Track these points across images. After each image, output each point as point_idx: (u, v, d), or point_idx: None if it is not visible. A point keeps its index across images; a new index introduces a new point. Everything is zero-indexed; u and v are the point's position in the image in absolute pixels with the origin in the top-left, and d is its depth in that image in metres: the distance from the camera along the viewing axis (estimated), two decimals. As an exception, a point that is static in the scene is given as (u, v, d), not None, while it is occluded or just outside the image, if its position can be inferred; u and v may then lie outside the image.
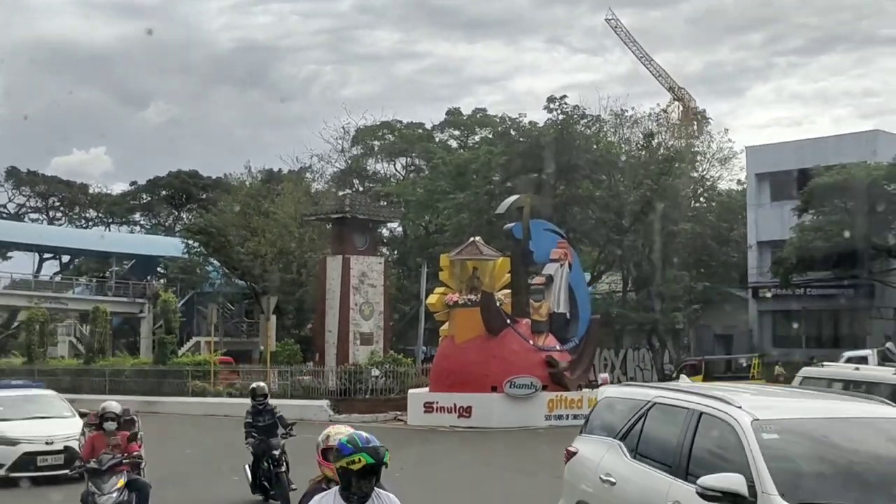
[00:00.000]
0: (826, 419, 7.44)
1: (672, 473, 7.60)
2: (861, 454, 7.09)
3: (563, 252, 28.81)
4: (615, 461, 8.61)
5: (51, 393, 20.74)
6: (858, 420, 7.53)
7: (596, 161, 44.15)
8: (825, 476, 6.81)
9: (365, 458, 5.25)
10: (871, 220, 42.20)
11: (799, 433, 7.16)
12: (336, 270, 32.78)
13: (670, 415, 8.13)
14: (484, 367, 26.68)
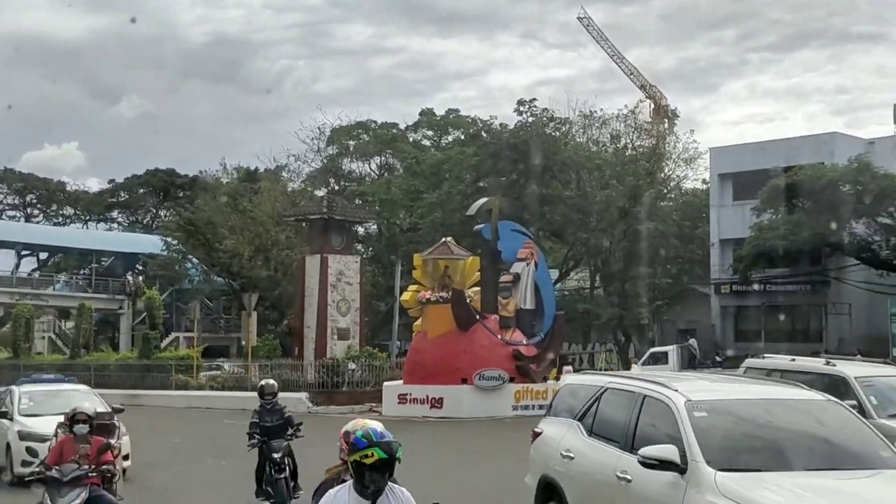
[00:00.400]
0: (748, 400, 8.85)
1: (621, 448, 8.77)
2: (775, 428, 8.38)
3: (530, 252, 30.63)
4: (574, 439, 9.83)
5: (83, 388, 20.22)
6: (775, 400, 8.86)
7: (564, 162, 45.96)
8: (744, 446, 8.09)
9: (378, 453, 5.40)
10: (826, 219, 44.29)
11: (724, 411, 8.42)
12: (314, 269, 34.55)
13: (620, 398, 9.36)
14: (455, 360, 28.44)
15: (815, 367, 15.79)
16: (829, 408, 8.76)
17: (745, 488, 7.24)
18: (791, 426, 8.48)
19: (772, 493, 7.14)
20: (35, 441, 16.02)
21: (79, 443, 10.39)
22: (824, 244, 45.15)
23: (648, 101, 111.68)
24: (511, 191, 45.42)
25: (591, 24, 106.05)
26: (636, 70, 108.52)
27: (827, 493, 7.18)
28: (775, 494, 7.12)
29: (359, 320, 35.75)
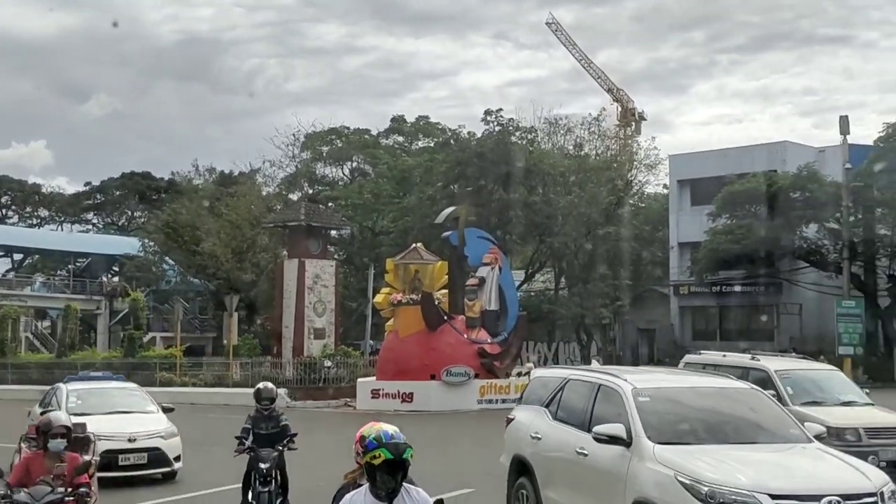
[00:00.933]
0: (683, 387, 10.70)
1: (579, 428, 10.34)
2: (705, 410, 10.08)
3: (494, 257, 33.12)
4: (541, 422, 11.38)
5: (132, 385, 19.87)
6: (706, 388, 10.76)
7: (529, 169, 48.42)
8: (679, 424, 9.74)
9: (384, 454, 5.46)
10: (777, 224, 47.13)
11: (663, 397, 10.11)
12: (292, 273, 36.91)
13: (580, 387, 11.02)
14: (424, 358, 30.85)
15: (742, 362, 18.28)
16: (751, 394, 10.60)
17: (677, 457, 8.90)
18: (718, 409, 10.23)
19: (698, 461, 8.79)
20: None
21: (52, 461, 8.91)
22: (776, 248, 47.97)
23: (616, 105, 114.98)
24: (479, 197, 47.78)
25: (559, 29, 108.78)
26: (604, 74, 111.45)
27: (742, 461, 8.87)
28: (701, 461, 8.77)
29: (334, 321, 38.16)
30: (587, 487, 10.12)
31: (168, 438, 17.09)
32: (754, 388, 11.08)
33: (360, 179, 60.17)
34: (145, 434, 16.76)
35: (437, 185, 50.28)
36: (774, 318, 52.06)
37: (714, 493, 8.32)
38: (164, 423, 17.33)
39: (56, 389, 18.36)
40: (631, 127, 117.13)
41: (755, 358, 17.93)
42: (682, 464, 8.80)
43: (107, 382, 19.39)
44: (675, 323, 54.97)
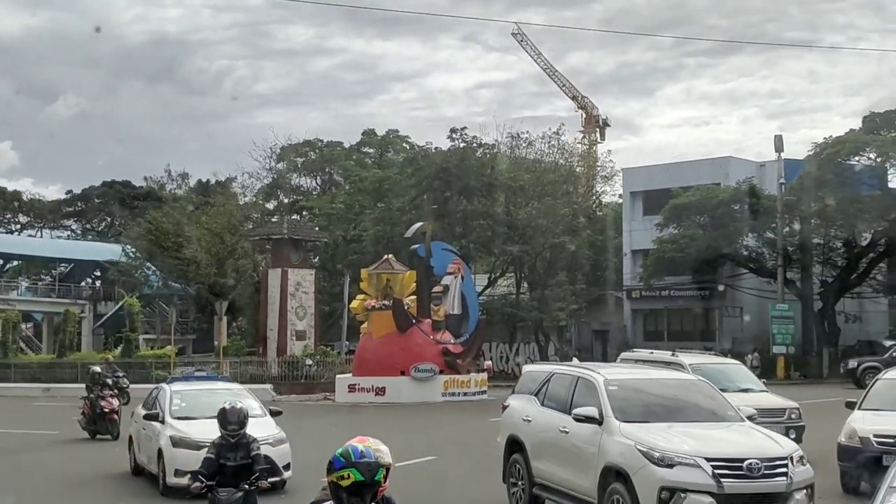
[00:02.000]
0: (644, 379, 13.85)
1: (562, 412, 12.89)
2: (661, 396, 12.86)
3: (457, 267, 37.94)
4: (531, 408, 13.91)
5: (237, 386, 18.91)
6: (662, 380, 13.82)
7: (491, 183, 53.21)
8: (641, 407, 12.35)
9: (354, 475, 4.93)
10: (718, 234, 52.13)
11: (628, 386, 12.84)
12: (276, 281, 41.61)
13: (562, 379, 13.68)
14: (395, 356, 35.52)
15: (664, 357, 22.96)
16: (698, 384, 13.58)
17: (637, 432, 11.53)
18: (672, 396, 13.01)
19: (653, 434, 11.44)
20: (189, 448, 15.00)
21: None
22: (718, 255, 52.98)
23: (580, 112, 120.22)
24: (445, 208, 52.53)
25: (524, 40, 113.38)
26: (568, 82, 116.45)
27: (688, 434, 11.56)
28: (655, 435, 11.40)
29: (313, 324, 42.87)
30: (568, 458, 12.78)
31: (276, 445, 15.60)
32: (702, 379, 14.09)
33: (332, 190, 64.78)
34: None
35: (406, 198, 54.92)
36: (717, 320, 57.22)
37: (664, 457, 11.04)
38: (273, 429, 16.08)
39: (159, 391, 17.64)
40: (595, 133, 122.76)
41: (675, 354, 22.59)
42: (641, 436, 11.50)
43: (212, 383, 18.68)
44: (627, 325, 59.90)
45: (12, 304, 66.46)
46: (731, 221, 51.94)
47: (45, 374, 44.26)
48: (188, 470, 13.14)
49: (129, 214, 75.86)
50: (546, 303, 54.53)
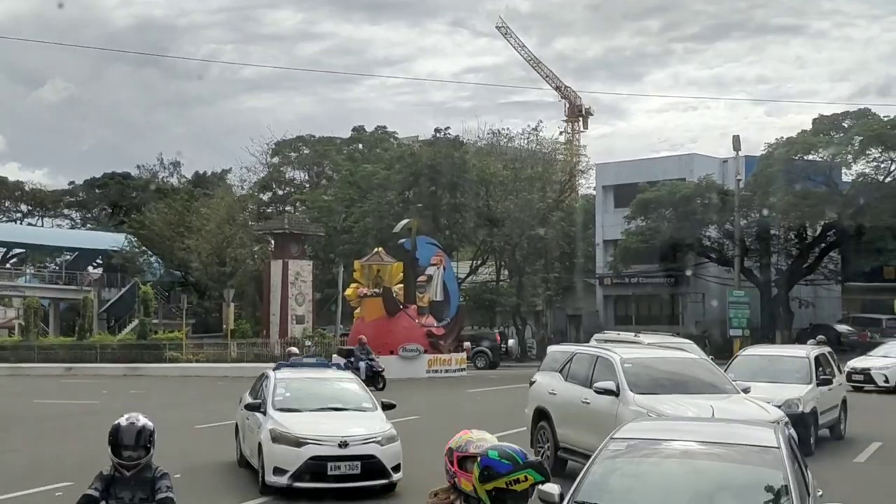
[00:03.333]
0: (654, 357, 16.07)
1: (583, 385, 15.02)
2: (669, 372, 15.11)
3: (440, 259, 43.73)
4: (556, 383, 16.06)
5: (348, 375, 17.42)
6: (670, 358, 16.12)
7: (472, 179, 58.95)
8: (651, 382, 14.50)
9: (532, 476, 4.69)
10: (681, 226, 57.90)
11: (641, 364, 15.03)
12: (278, 271, 47.38)
13: (583, 359, 15.83)
14: (385, 337, 41.11)
15: (628, 338, 27.44)
16: (700, 362, 16.10)
17: (648, 402, 13.58)
18: (678, 372, 15.28)
19: (661, 404, 13.45)
20: (289, 444, 13.86)
21: None
22: (681, 246, 58.85)
23: (563, 101, 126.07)
24: (430, 202, 58.26)
25: (508, 33, 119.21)
26: (552, 73, 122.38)
27: (690, 403, 13.47)
28: (663, 404, 13.43)
29: (311, 309, 48.68)
30: (589, 424, 14.62)
31: (385, 444, 14.27)
32: (704, 358, 16.76)
33: (324, 183, 70.43)
34: (360, 438, 14.09)
35: (393, 192, 60.61)
36: (681, 305, 63.21)
37: None
38: (383, 424, 14.76)
39: (265, 378, 16.13)
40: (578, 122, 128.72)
41: (637, 336, 27.63)
42: (651, 405, 13.58)
43: (321, 371, 17.34)
44: (599, 310, 65.77)
45: (21, 291, 72.16)
46: (693, 214, 57.66)
47: (66, 354, 49.77)
48: (287, 468, 13.22)
49: (128, 205, 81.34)
50: (523, 289, 60.42)
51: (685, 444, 7.92)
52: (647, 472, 7.65)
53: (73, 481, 13.65)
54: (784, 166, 54.65)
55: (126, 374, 45.61)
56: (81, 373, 47.48)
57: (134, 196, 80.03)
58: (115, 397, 34.41)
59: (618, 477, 7.54)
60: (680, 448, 7.78)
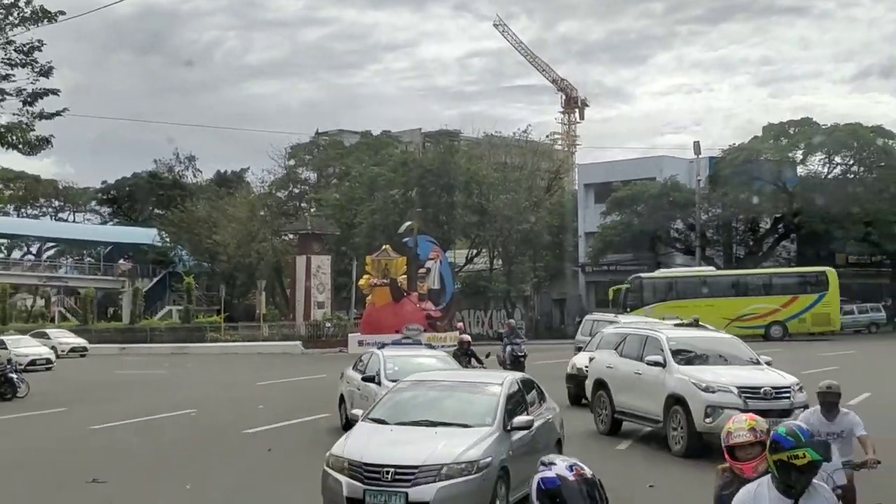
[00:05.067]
0: (693, 336, 19.56)
1: (636, 360, 18.63)
2: (704, 348, 18.63)
3: (437, 254, 54.60)
4: (613, 359, 19.80)
5: (441, 353, 22.62)
6: (706, 337, 19.89)
7: (465, 181, 69.73)
8: (690, 355, 18.13)
9: (811, 454, 5.40)
10: (650, 220, 68.68)
11: (682, 341, 18.60)
12: (302, 265, 58.44)
13: (635, 339, 19.60)
14: (392, 319, 51.69)
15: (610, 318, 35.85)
16: (730, 340, 19.61)
17: (690, 371, 17.33)
18: (711, 346, 19.00)
19: (700, 373, 17.12)
20: None
21: None
22: (651, 237, 69.70)
23: (560, 94, 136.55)
24: (430, 201, 69.02)
25: (506, 31, 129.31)
26: (548, 67, 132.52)
27: (724, 373, 17.20)
28: (702, 373, 17.12)
29: (330, 296, 59.83)
30: (641, 392, 18.37)
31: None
32: (734, 337, 20.10)
33: (335, 183, 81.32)
34: None
35: (398, 192, 71.40)
36: (653, 290, 73.94)
37: (709, 387, 16.74)
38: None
39: (371, 356, 20.80)
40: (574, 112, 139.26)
41: (616, 316, 37.25)
42: (692, 373, 17.28)
43: (417, 349, 22.43)
44: (582, 294, 76.58)
45: (64, 281, 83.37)
46: (661, 210, 68.46)
47: (120, 336, 60.85)
48: None
49: (156, 201, 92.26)
50: (513, 277, 71.38)
51: (436, 384, 13.64)
52: (412, 398, 13.19)
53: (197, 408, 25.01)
54: (736, 168, 65.42)
55: (173, 353, 56.33)
56: (134, 352, 58.27)
57: (161, 194, 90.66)
58: (177, 368, 45.17)
59: (394, 403, 13.05)
60: (433, 387, 13.64)
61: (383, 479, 11.23)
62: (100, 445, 19.89)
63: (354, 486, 11.29)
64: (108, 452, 18.65)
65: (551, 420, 14.28)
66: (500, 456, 11.98)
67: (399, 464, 11.37)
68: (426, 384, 13.83)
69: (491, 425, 12.29)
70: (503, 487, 12.03)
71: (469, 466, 11.47)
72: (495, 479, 11.78)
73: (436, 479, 11.28)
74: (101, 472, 15.77)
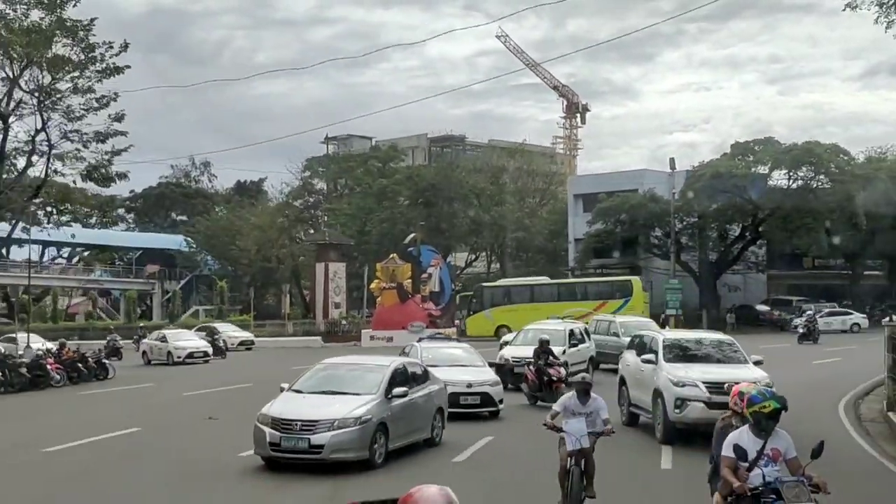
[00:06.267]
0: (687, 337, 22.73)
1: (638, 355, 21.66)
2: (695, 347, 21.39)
3: (437, 262, 65.22)
4: (631, 358, 22.32)
5: (465, 345, 28.23)
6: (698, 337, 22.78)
7: (465, 193, 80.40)
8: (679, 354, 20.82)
9: (773, 404, 8.20)
10: (631, 228, 79.00)
11: (676, 341, 21.52)
12: (321, 271, 69.11)
13: (647, 338, 22.41)
14: (398, 317, 62.02)
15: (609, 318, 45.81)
16: (723, 338, 22.13)
17: (673, 369, 19.72)
18: (703, 346, 21.56)
19: (679, 370, 19.62)
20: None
21: None
22: (632, 243, 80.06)
23: (561, 100, 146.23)
24: (432, 211, 79.67)
25: (507, 41, 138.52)
26: (549, 75, 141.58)
27: (700, 369, 19.68)
28: (681, 370, 19.59)
29: (344, 298, 70.64)
30: (643, 387, 20.92)
31: (494, 386, 24.30)
32: (727, 336, 22.55)
33: (347, 192, 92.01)
34: (479, 382, 23.94)
35: (404, 203, 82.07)
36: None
37: (679, 381, 19.19)
38: (491, 375, 24.91)
39: (412, 347, 26.75)
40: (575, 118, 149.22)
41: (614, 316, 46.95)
42: (673, 370, 19.66)
43: (447, 342, 30.07)
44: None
45: (100, 283, 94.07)
46: (640, 220, 78.78)
47: (160, 333, 71.23)
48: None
49: (178, 210, 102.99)
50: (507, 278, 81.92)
51: (343, 366, 19.47)
52: (325, 375, 18.47)
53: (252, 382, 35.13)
54: (705, 182, 75.76)
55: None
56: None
57: (185, 202, 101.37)
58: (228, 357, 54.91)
59: (311, 378, 18.42)
60: (340, 367, 19.37)
61: (294, 429, 16.69)
62: (202, 404, 30.01)
63: (274, 434, 16.69)
64: (210, 407, 28.19)
65: (433, 393, 19.88)
66: (381, 415, 17.34)
67: (305, 419, 16.72)
68: (337, 366, 19.78)
69: (375, 394, 17.71)
70: (382, 437, 17.31)
71: (354, 421, 16.76)
72: (374, 430, 16.99)
73: (329, 429, 16.56)
74: (213, 412, 25.89)
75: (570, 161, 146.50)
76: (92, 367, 39.05)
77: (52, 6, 42.78)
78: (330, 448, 16.55)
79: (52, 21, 42.66)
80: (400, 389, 18.25)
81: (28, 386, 35.15)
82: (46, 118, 45.30)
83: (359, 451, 16.84)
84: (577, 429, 12.75)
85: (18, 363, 35.95)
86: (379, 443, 17.28)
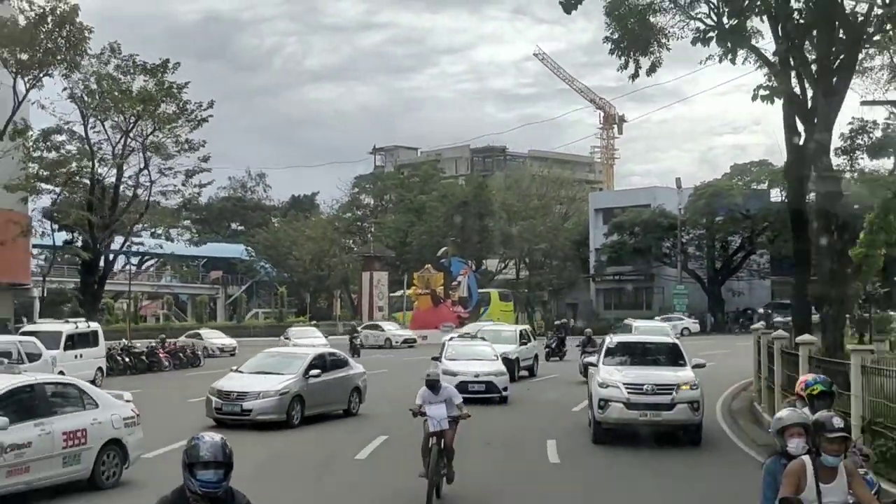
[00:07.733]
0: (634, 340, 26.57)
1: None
2: (639, 351, 23.72)
3: (465, 271, 78.87)
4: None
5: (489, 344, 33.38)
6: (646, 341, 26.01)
7: (493, 211, 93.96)
8: (623, 356, 22.93)
9: (819, 387, 9.53)
10: (645, 240, 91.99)
11: (622, 344, 24.16)
12: (367, 279, 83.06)
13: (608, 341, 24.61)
14: (432, 318, 75.01)
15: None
16: (669, 344, 23.89)
17: (604, 370, 21.69)
18: (647, 350, 23.70)
19: (610, 373, 21.41)
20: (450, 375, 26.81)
21: None
22: (645, 253, 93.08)
23: (599, 112, 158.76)
24: (465, 224, 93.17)
25: (545, 59, 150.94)
26: (587, 89, 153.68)
27: (631, 371, 21.54)
28: (611, 373, 21.37)
29: (387, 301, 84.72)
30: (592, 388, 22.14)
31: (499, 377, 29.39)
32: (675, 340, 24.34)
33: (391, 208, 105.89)
34: (485, 373, 29.13)
35: (441, 217, 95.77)
36: (650, 296, 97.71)
37: (603, 383, 20.58)
38: (499, 366, 30.12)
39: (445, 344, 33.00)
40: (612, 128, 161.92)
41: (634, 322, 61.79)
42: (603, 373, 21.24)
43: (469, 341, 34.48)
44: (592, 299, 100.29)
45: (170, 288, 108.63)
46: (651, 232, 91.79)
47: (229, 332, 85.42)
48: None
49: (238, 221, 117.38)
50: (532, 285, 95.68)
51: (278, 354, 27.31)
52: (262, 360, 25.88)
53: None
54: (707, 199, 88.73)
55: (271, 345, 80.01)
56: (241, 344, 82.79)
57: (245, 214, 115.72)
58: None
59: (252, 362, 26.32)
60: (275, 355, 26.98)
61: (231, 398, 23.31)
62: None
63: (218, 401, 23.26)
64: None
65: (350, 376, 26.01)
66: (297, 389, 23.62)
67: (239, 390, 23.38)
68: (273, 354, 26.37)
69: (296, 374, 24.01)
70: (298, 405, 23.65)
71: (275, 393, 23.29)
72: (290, 400, 23.32)
73: (257, 398, 23.11)
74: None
75: (608, 170, 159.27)
76: (189, 356, 52.92)
77: (155, 72, 56.27)
78: (256, 411, 23.24)
79: (158, 87, 56.04)
80: (315, 371, 24.88)
81: (146, 369, 47.79)
82: (148, 158, 58.35)
83: (278, 414, 23.41)
84: (438, 413, 14.91)
85: (139, 352, 49.52)
86: (296, 409, 23.97)
